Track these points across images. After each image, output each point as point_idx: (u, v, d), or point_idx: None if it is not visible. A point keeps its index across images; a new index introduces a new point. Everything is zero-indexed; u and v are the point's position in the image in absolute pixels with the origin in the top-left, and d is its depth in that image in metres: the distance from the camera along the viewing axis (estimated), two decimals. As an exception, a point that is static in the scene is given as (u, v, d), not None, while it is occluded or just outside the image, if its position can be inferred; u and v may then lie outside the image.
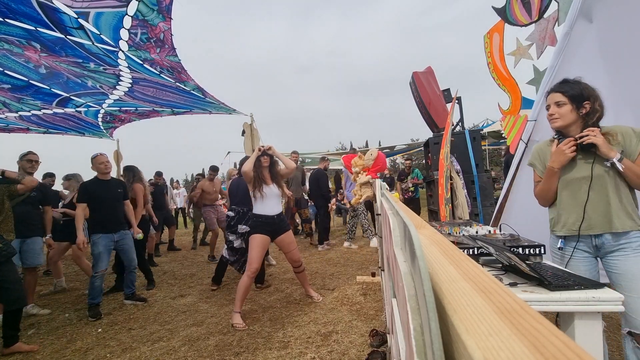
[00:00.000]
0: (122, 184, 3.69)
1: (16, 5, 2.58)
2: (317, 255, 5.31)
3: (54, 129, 6.79)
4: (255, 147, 3.30)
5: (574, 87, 1.52)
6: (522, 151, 2.91)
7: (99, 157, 3.45)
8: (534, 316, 0.27)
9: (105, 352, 2.54)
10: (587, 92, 1.50)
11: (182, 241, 7.70)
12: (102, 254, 3.30)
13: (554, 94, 1.57)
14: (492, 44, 4.73)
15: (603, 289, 1.19)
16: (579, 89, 1.51)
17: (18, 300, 2.62)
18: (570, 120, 1.53)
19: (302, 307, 3.17)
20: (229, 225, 3.81)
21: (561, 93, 1.54)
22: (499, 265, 1.56)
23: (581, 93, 1.50)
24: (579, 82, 1.54)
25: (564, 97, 1.53)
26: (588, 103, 1.50)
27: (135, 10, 2.71)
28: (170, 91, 4.80)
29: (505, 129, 3.58)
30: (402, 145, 14.33)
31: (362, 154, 4.57)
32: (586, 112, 1.50)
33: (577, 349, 0.21)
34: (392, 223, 0.82)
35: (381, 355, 2.09)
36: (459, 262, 0.46)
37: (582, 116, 1.52)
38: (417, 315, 0.40)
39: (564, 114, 1.53)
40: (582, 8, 2.48)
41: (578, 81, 1.55)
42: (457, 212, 3.79)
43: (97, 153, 3.48)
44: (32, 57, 3.55)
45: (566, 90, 1.53)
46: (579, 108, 1.51)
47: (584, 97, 1.50)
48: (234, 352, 2.39)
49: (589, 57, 2.53)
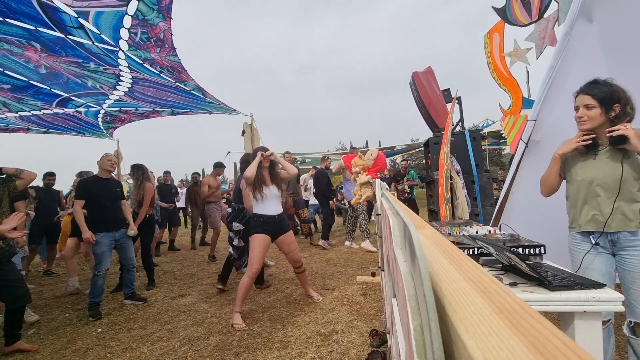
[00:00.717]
0: (119, 184, 3.71)
1: (16, 5, 2.58)
2: (317, 255, 5.31)
3: (54, 129, 6.79)
4: (255, 147, 3.29)
5: (604, 89, 1.50)
6: (522, 151, 2.91)
7: (109, 155, 3.54)
8: (534, 316, 0.27)
9: (105, 352, 2.54)
10: (618, 95, 1.48)
11: (182, 241, 7.70)
12: (104, 253, 3.31)
13: (584, 96, 1.54)
14: (492, 44, 4.73)
15: (603, 288, 1.19)
16: (609, 91, 1.48)
17: (21, 298, 2.63)
18: (598, 123, 1.52)
19: (302, 307, 3.17)
20: (228, 222, 3.85)
21: (591, 96, 1.51)
22: (499, 265, 1.56)
23: (611, 96, 1.48)
24: (610, 84, 1.51)
25: (594, 99, 1.50)
26: (618, 106, 1.47)
27: (135, 9, 2.71)
28: (170, 91, 4.80)
29: (505, 129, 3.58)
30: (402, 145, 14.34)
31: (362, 154, 4.57)
32: (615, 114, 1.48)
33: (577, 349, 0.21)
34: (392, 223, 0.82)
35: (381, 355, 2.09)
36: (459, 262, 0.46)
37: (612, 119, 1.50)
38: (417, 315, 0.40)
39: (593, 116, 1.51)
40: (582, 8, 2.48)
41: (609, 83, 1.52)
42: (457, 212, 3.79)
43: (108, 153, 3.57)
44: (32, 57, 3.55)
45: (596, 93, 1.51)
46: (608, 111, 1.49)
47: (614, 99, 1.47)
48: (234, 352, 2.39)
49: (589, 57, 2.53)
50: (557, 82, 2.62)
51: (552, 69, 2.63)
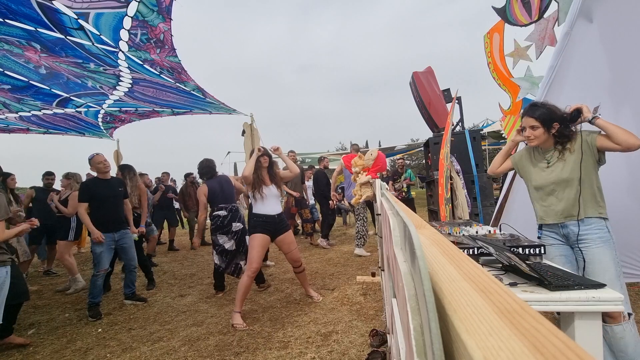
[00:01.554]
0: (122, 183, 3.69)
1: (16, 6, 2.58)
2: (317, 255, 5.31)
3: (54, 129, 6.79)
4: (255, 147, 3.28)
5: (544, 111, 1.78)
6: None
7: (96, 157, 3.44)
8: (534, 316, 0.27)
9: (105, 352, 2.55)
10: (554, 115, 1.76)
11: (182, 241, 7.71)
12: (103, 253, 3.30)
13: (528, 119, 1.83)
14: (492, 44, 4.73)
15: (603, 288, 1.19)
16: (548, 113, 1.77)
17: (21, 294, 2.71)
18: (544, 139, 1.83)
19: (302, 307, 3.17)
20: (220, 226, 3.59)
21: (534, 118, 1.80)
22: (499, 265, 1.56)
23: (550, 117, 1.76)
24: (545, 106, 1.81)
25: (537, 121, 1.79)
26: (557, 124, 1.77)
27: (135, 11, 2.71)
28: (170, 91, 4.80)
29: (505, 129, 3.58)
30: (402, 146, 14.35)
31: (362, 154, 4.57)
32: (555, 130, 1.79)
33: (577, 349, 0.21)
34: (392, 223, 0.82)
35: (381, 355, 2.09)
36: (459, 262, 0.46)
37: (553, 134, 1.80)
38: (417, 315, 0.40)
39: (538, 135, 1.81)
40: (582, 8, 2.48)
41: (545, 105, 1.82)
42: (457, 212, 3.79)
43: (94, 153, 3.46)
44: (32, 57, 3.55)
45: (538, 115, 1.79)
46: (549, 129, 1.79)
47: (553, 119, 1.77)
48: (234, 352, 2.39)
49: (589, 57, 2.53)
50: (557, 82, 2.62)
51: (552, 69, 2.63)
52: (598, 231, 1.72)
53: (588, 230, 1.74)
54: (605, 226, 1.73)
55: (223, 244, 3.56)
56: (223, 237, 3.57)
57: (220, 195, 3.69)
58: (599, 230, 1.72)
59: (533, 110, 1.83)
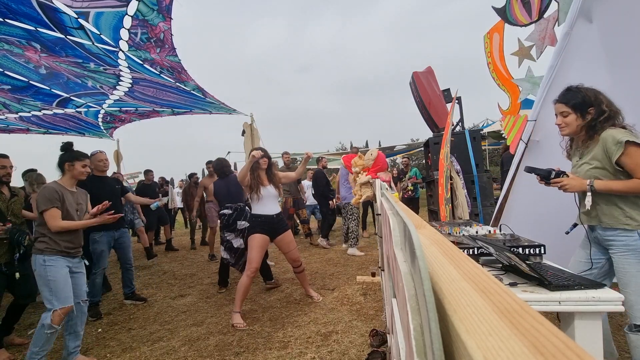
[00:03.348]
0: (118, 181, 3.69)
1: (16, 6, 2.58)
2: (317, 255, 5.31)
3: (54, 129, 6.79)
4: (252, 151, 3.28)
5: (576, 95, 1.58)
6: (522, 151, 2.90)
7: (98, 155, 3.43)
8: (534, 316, 0.27)
9: (105, 352, 2.55)
10: (590, 99, 1.55)
11: (182, 241, 7.70)
12: (103, 252, 3.30)
13: (559, 105, 1.64)
14: (492, 44, 4.73)
15: (603, 289, 1.19)
16: (581, 97, 1.57)
17: (31, 295, 2.72)
18: (576, 128, 1.61)
19: (302, 307, 3.17)
20: (226, 224, 3.76)
21: (564, 104, 1.61)
22: (499, 265, 1.56)
23: (583, 101, 1.56)
24: (580, 90, 1.59)
25: (567, 107, 1.60)
26: (592, 108, 1.55)
27: (135, 10, 2.71)
28: (170, 91, 4.80)
29: (505, 129, 3.58)
30: (402, 145, 14.35)
31: (362, 154, 4.56)
32: (592, 117, 1.56)
33: (577, 349, 0.21)
34: (392, 223, 0.82)
35: (381, 355, 2.09)
36: (459, 262, 0.46)
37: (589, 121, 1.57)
38: (417, 315, 0.40)
39: (569, 122, 1.61)
40: (582, 8, 2.48)
41: (579, 89, 1.60)
42: (457, 212, 3.79)
43: (97, 150, 3.46)
44: (32, 57, 3.55)
45: (569, 100, 1.60)
46: (584, 115, 1.57)
47: (586, 104, 1.55)
48: (234, 352, 2.39)
49: (589, 57, 2.53)
50: (557, 82, 2.61)
51: (552, 69, 2.63)
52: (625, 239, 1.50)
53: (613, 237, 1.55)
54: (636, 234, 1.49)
55: (230, 240, 3.70)
56: (230, 235, 3.72)
57: (225, 195, 3.86)
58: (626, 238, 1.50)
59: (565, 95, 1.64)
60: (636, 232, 1.48)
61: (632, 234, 1.48)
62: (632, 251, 1.48)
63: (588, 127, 1.58)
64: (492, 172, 9.77)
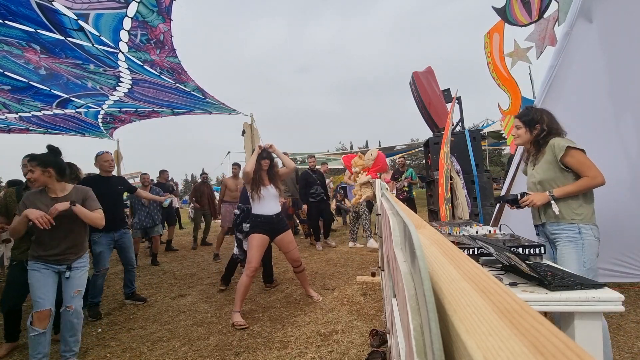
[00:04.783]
0: (122, 181, 3.68)
1: (16, 7, 2.58)
2: (317, 255, 5.31)
3: (54, 129, 6.79)
4: (256, 147, 3.29)
5: (528, 114, 1.99)
6: (522, 151, 2.91)
7: (104, 155, 3.46)
8: (534, 316, 0.27)
9: (105, 352, 2.54)
10: (537, 118, 1.94)
11: (182, 241, 7.70)
12: (103, 253, 3.30)
13: (516, 119, 2.04)
14: (492, 44, 4.73)
15: (603, 289, 1.19)
16: (531, 115, 1.97)
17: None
18: (526, 139, 2.01)
19: (302, 307, 3.17)
20: (236, 223, 3.82)
21: (519, 119, 2.02)
22: (499, 265, 1.56)
23: (532, 119, 1.95)
24: (531, 110, 2.01)
25: (520, 122, 2.01)
26: (538, 125, 1.94)
27: (135, 11, 2.71)
28: (170, 92, 4.80)
29: (505, 129, 3.58)
30: (402, 145, 14.35)
31: (362, 154, 4.57)
32: (537, 132, 1.95)
33: (577, 349, 0.21)
34: (392, 223, 0.82)
35: (381, 355, 2.09)
36: (459, 262, 0.46)
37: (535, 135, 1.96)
38: (417, 315, 0.40)
39: (521, 134, 2.01)
40: (582, 8, 2.48)
41: (530, 109, 2.02)
42: (457, 212, 3.79)
43: (103, 151, 3.49)
44: (32, 58, 3.55)
45: (522, 116, 2.01)
46: (531, 130, 1.97)
47: (534, 121, 1.95)
48: (234, 352, 2.39)
49: (589, 57, 2.53)
50: (557, 82, 2.62)
51: (552, 69, 2.63)
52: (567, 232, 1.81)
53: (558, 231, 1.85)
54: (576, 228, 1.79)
55: (241, 239, 3.75)
56: (240, 234, 3.77)
57: (243, 195, 3.91)
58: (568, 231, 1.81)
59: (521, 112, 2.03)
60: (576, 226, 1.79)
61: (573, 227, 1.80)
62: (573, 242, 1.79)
63: (534, 141, 1.96)
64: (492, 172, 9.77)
